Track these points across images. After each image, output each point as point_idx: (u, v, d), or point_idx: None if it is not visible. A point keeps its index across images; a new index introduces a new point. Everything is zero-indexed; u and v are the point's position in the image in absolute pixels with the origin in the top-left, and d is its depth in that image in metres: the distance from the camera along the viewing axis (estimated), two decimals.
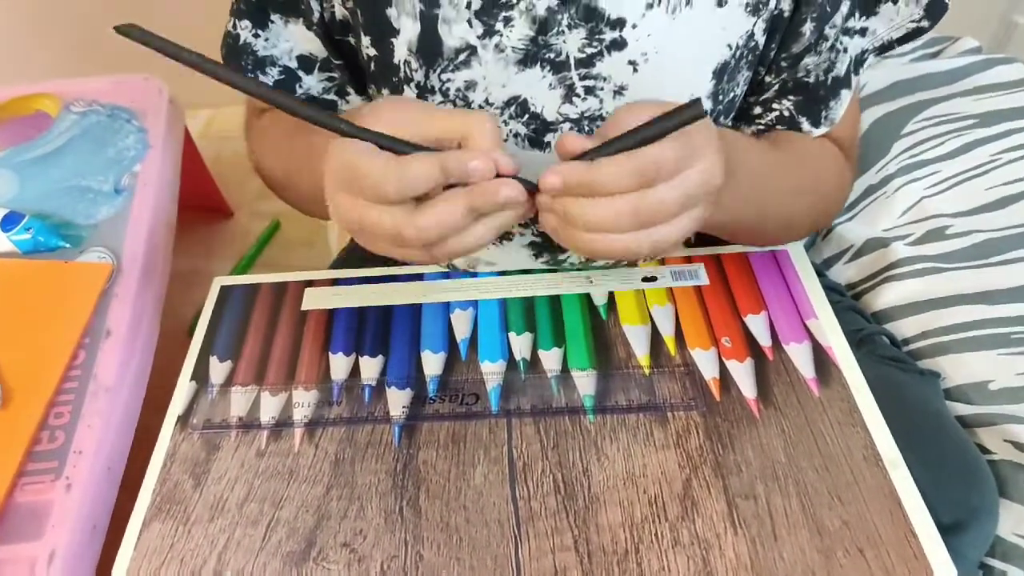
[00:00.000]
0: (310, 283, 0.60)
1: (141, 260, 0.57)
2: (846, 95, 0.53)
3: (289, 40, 0.54)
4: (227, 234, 0.90)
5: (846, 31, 0.52)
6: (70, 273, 0.56)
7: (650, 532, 0.43)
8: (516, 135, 0.52)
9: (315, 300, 0.59)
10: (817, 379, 0.50)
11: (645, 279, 0.59)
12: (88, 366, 0.51)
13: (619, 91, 0.50)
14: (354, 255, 0.71)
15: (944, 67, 0.79)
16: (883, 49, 0.54)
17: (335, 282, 0.60)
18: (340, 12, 0.52)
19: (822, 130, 0.54)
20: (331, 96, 0.58)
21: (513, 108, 0.51)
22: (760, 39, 0.50)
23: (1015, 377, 0.56)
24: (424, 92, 0.51)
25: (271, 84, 0.55)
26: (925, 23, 0.53)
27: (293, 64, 0.55)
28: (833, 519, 0.43)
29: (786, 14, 0.50)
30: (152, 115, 0.67)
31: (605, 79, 0.49)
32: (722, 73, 0.50)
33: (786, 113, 0.54)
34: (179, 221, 0.67)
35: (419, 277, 0.61)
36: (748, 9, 0.48)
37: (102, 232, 0.59)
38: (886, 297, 0.63)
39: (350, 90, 0.57)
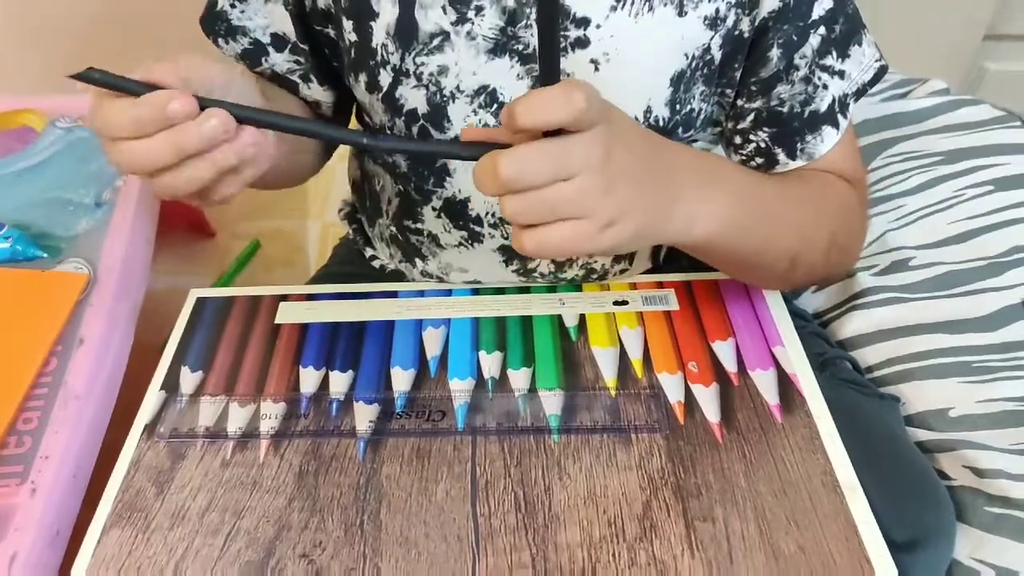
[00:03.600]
0: (285, 298, 0.61)
1: (117, 272, 0.57)
2: (830, 132, 0.55)
3: (267, 18, 0.56)
4: (208, 253, 0.91)
5: (824, 68, 0.53)
6: (46, 282, 0.56)
7: (608, 552, 0.44)
8: (485, 125, 0.54)
9: (289, 314, 0.59)
10: (780, 406, 0.51)
11: (616, 303, 0.60)
12: (59, 373, 0.51)
13: None
14: (331, 273, 0.72)
15: (912, 107, 0.81)
16: (859, 93, 0.56)
17: (309, 297, 0.61)
18: (323, 1, 0.55)
19: (799, 163, 0.55)
20: (294, 78, 0.59)
21: (483, 97, 0.53)
22: (716, 54, 0.53)
23: (975, 404, 0.57)
24: (399, 75, 0.53)
25: (239, 52, 0.57)
26: (884, 61, 0.56)
27: (265, 39, 0.57)
28: (789, 543, 0.44)
29: (746, 35, 0.52)
30: None
31: (568, 75, 0.51)
32: (679, 81, 0.52)
33: (762, 144, 0.56)
34: (160, 239, 0.68)
35: (394, 295, 0.62)
36: (706, 23, 0.51)
37: (80, 244, 0.60)
38: (852, 325, 0.64)
39: (313, 78, 0.59)
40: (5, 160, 0.65)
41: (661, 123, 0.53)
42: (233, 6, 0.56)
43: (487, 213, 0.58)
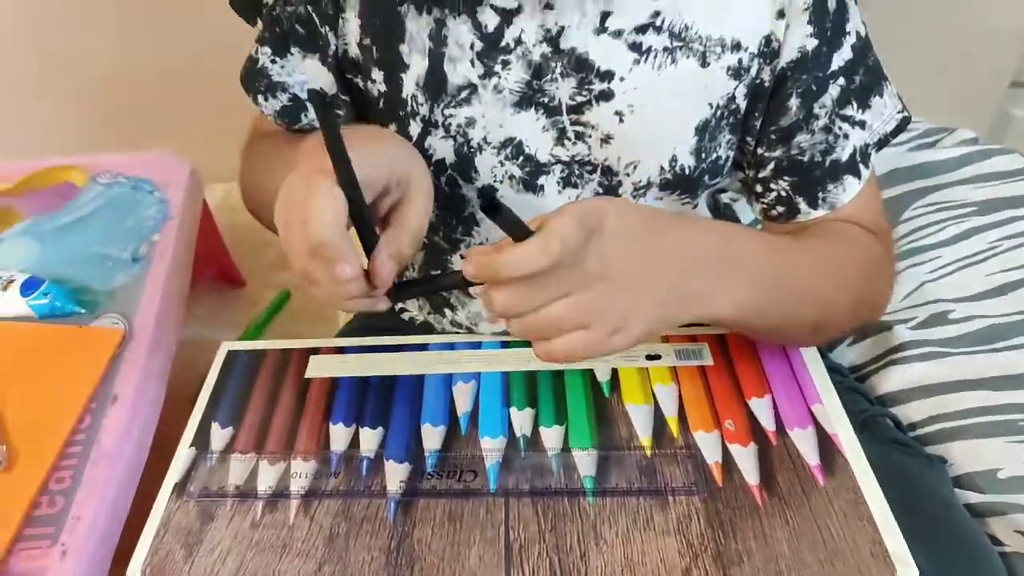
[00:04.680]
0: (315, 351, 0.61)
1: (151, 328, 0.58)
2: (852, 182, 0.55)
3: (304, 73, 0.58)
4: (238, 303, 0.92)
5: (845, 118, 0.53)
6: (83, 337, 0.57)
7: None
8: (511, 177, 0.55)
9: (319, 368, 0.59)
10: (822, 467, 0.49)
11: (648, 356, 0.59)
12: (93, 431, 0.51)
13: (606, 139, 0.52)
14: (361, 324, 0.72)
15: (942, 156, 0.81)
16: (881, 144, 0.56)
17: (340, 351, 0.61)
18: (353, 50, 0.56)
19: (821, 212, 0.55)
20: None
21: (509, 149, 0.53)
22: (741, 103, 0.53)
23: None
24: (428, 126, 0.54)
25: (278, 109, 0.59)
26: (907, 112, 0.56)
27: (303, 95, 0.58)
28: None
29: (766, 84, 0.52)
30: (173, 186, 0.70)
31: (593, 127, 0.52)
32: (704, 130, 0.53)
33: (783, 193, 0.56)
34: (192, 289, 0.69)
35: (424, 348, 0.61)
36: (730, 73, 0.51)
37: (117, 298, 0.61)
38: (891, 380, 0.63)
39: None
40: (47, 217, 0.67)
41: (687, 171, 0.54)
42: (274, 62, 0.57)
43: None
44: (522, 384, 0.57)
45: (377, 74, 0.55)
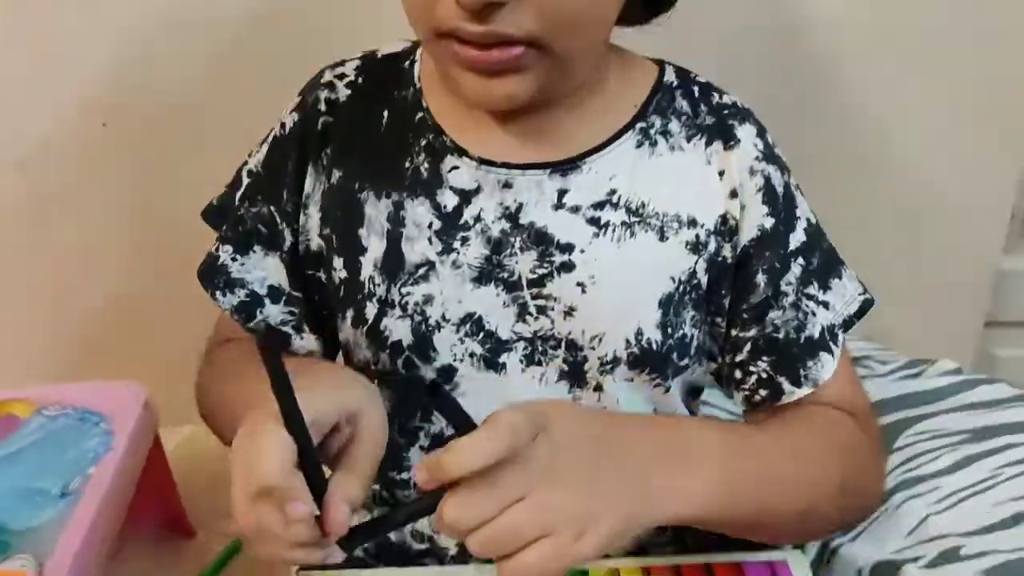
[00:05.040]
0: None
1: (67, 569, 0.51)
2: (827, 358, 0.54)
3: (264, 271, 0.59)
4: (187, 554, 0.83)
5: (809, 297, 0.54)
6: None
7: None
8: (472, 355, 0.53)
9: None
10: None
11: None
12: None
13: (569, 312, 0.52)
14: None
15: (927, 386, 0.80)
16: (847, 325, 0.56)
17: None
18: (315, 243, 0.58)
19: (805, 389, 0.54)
20: (288, 329, 0.60)
21: (468, 326, 0.53)
22: (702, 278, 0.53)
23: None
24: (384, 306, 0.54)
25: (235, 304, 0.59)
26: (868, 295, 0.57)
27: (262, 291, 0.59)
28: None
29: (729, 261, 0.54)
30: (121, 419, 0.66)
31: (556, 299, 0.52)
32: (668, 304, 0.53)
33: (764, 375, 0.54)
34: (136, 534, 0.63)
35: None
36: (688, 247, 0.53)
37: (35, 538, 0.54)
38: None
39: (306, 327, 0.60)
40: None
41: (655, 346, 0.53)
42: (234, 259, 0.59)
43: None
44: None
45: (337, 261, 0.56)
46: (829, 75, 0.88)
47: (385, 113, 0.57)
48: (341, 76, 0.59)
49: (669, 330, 0.53)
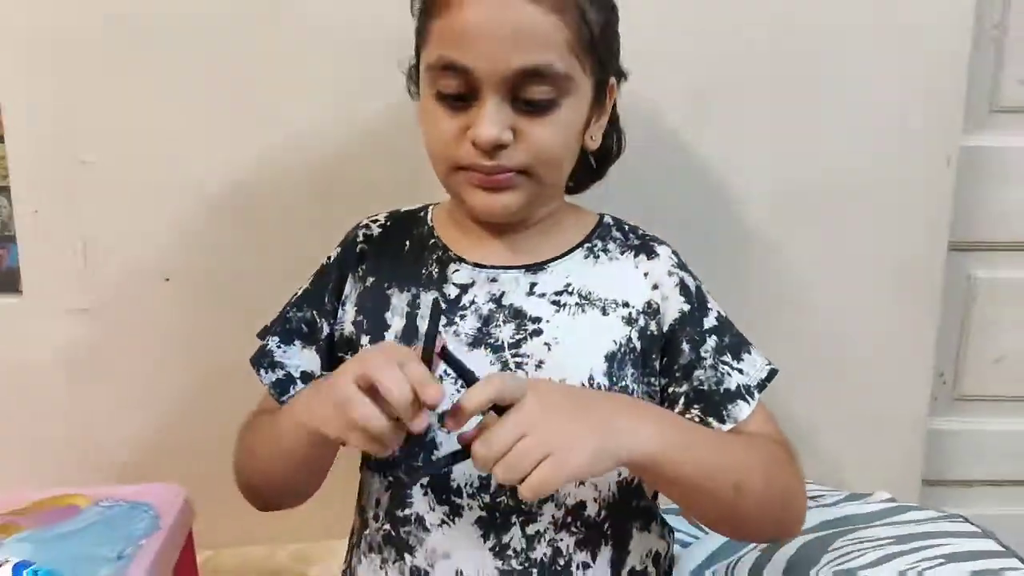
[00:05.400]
0: None
1: None
2: (744, 405, 0.70)
3: (300, 360, 0.76)
4: None
5: (724, 363, 0.71)
6: None
7: None
8: None
9: None
10: None
11: None
12: None
13: (539, 364, 0.70)
14: None
15: (864, 510, 0.91)
16: (760, 387, 0.72)
17: None
18: (348, 329, 0.76)
19: (729, 424, 0.69)
20: None
21: (460, 382, 0.65)
22: (637, 344, 0.71)
23: None
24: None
25: (274, 380, 0.75)
26: (773, 366, 0.74)
27: (296, 375, 0.75)
28: None
29: (656, 334, 0.71)
30: (166, 510, 0.78)
31: (529, 356, 0.70)
32: (612, 360, 0.70)
33: (696, 419, 0.70)
34: None
35: None
36: (623, 320, 0.71)
37: None
38: None
39: None
40: (48, 526, 0.74)
41: (603, 389, 0.69)
42: (279, 347, 0.76)
43: (467, 484, 0.68)
44: None
45: (364, 339, 0.73)
46: (757, 243, 1.07)
47: (407, 242, 0.78)
48: (375, 221, 0.81)
49: (614, 379, 0.69)
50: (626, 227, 0.78)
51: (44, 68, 0.99)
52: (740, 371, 0.72)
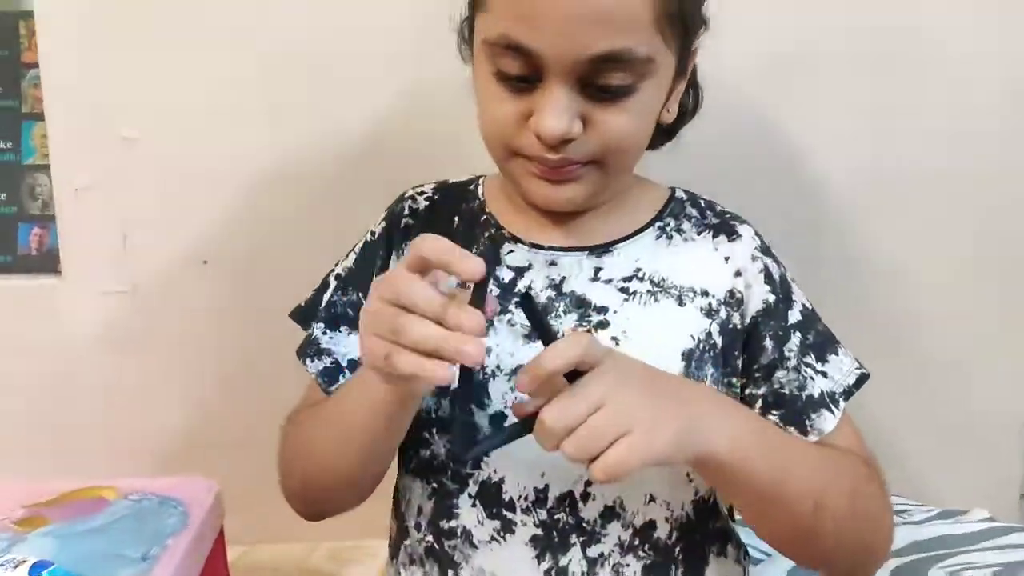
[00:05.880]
0: None
1: None
2: (829, 416, 0.61)
3: (347, 348, 0.68)
4: None
5: (808, 365, 0.62)
6: None
7: None
8: (518, 400, 0.58)
9: None
10: None
11: None
12: None
13: None
14: None
15: (960, 530, 0.82)
16: (847, 394, 0.63)
17: None
18: None
19: (812, 438, 0.60)
20: None
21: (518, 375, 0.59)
22: (717, 339, 0.62)
23: None
24: None
25: (320, 369, 0.67)
26: (864, 370, 0.64)
27: (343, 363, 0.67)
28: None
29: (739, 327, 0.62)
30: (197, 506, 0.73)
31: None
32: (689, 357, 0.61)
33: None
34: None
35: None
36: (703, 312, 0.62)
37: None
38: None
39: None
40: (71, 522, 0.70)
41: None
42: (325, 333, 0.69)
43: (520, 496, 0.60)
44: None
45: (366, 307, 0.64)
46: (833, 229, 0.98)
47: (456, 219, 0.70)
48: (421, 192, 0.73)
49: (692, 380, 0.60)
50: (702, 202, 0.70)
51: (85, 43, 0.96)
52: (824, 375, 0.63)
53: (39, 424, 1.05)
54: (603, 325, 0.62)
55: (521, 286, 0.64)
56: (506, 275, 0.65)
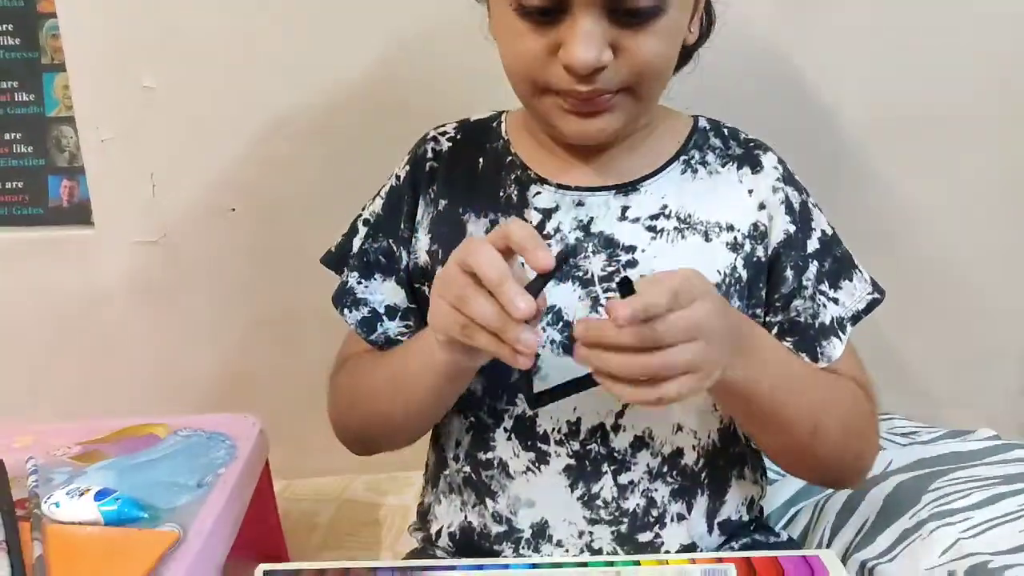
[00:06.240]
0: (347, 571, 0.62)
1: (205, 534, 0.62)
2: (837, 343, 0.64)
3: (383, 294, 0.70)
4: None
5: (822, 292, 0.65)
6: (141, 537, 0.61)
7: None
8: (552, 342, 0.63)
9: None
10: None
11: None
12: None
13: None
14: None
15: (966, 448, 0.86)
16: (855, 318, 0.66)
17: (372, 571, 0.62)
18: (423, 259, 0.69)
19: (822, 364, 0.64)
20: (404, 339, 0.70)
21: (550, 316, 0.63)
22: (742, 273, 0.64)
23: None
24: None
25: (359, 320, 0.70)
26: (877, 295, 0.67)
27: (381, 310, 0.70)
28: None
29: (763, 259, 0.65)
30: (243, 440, 0.78)
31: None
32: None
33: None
34: (233, 564, 0.71)
35: (452, 568, 0.62)
36: (728, 247, 0.64)
37: (178, 514, 0.65)
38: None
39: None
40: (127, 456, 0.74)
41: None
42: (359, 282, 0.71)
43: (553, 429, 0.64)
44: None
45: (440, 271, 0.65)
46: (849, 166, 0.99)
47: (480, 160, 0.70)
48: (443, 133, 0.73)
49: None
50: (725, 131, 0.70)
51: None
52: (836, 301, 0.66)
53: (77, 372, 1.10)
54: (632, 264, 0.64)
55: (549, 228, 0.65)
56: (534, 217, 0.66)
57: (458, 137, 0.72)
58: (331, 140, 1.01)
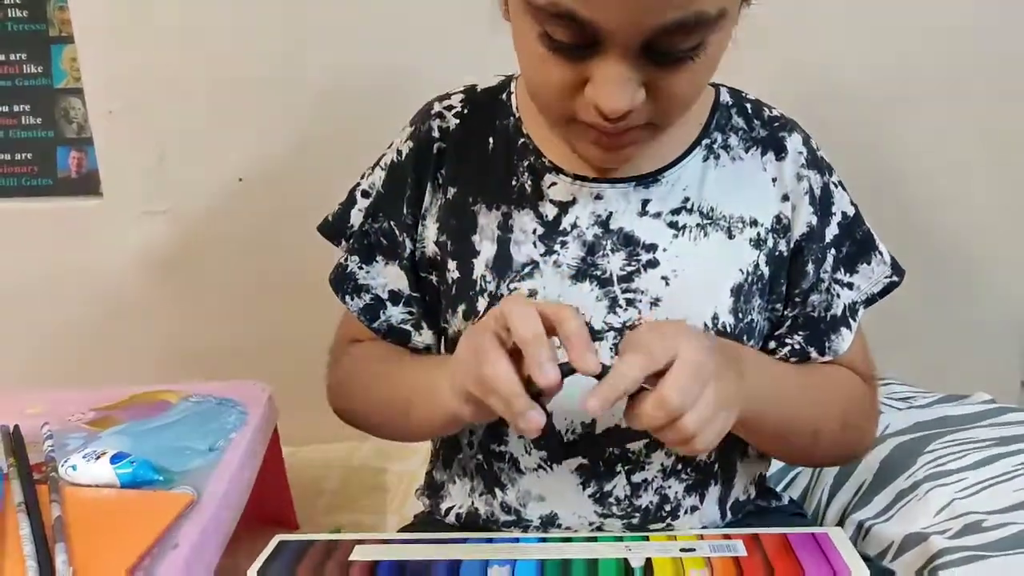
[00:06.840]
0: (361, 542, 0.63)
1: (221, 494, 0.64)
2: (847, 333, 0.64)
3: (386, 278, 0.68)
4: None
5: (837, 281, 0.64)
6: (156, 499, 0.63)
7: None
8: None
9: (362, 554, 0.61)
10: None
11: (683, 550, 0.60)
12: (151, 568, 0.55)
13: (655, 302, 0.60)
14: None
15: (961, 411, 0.87)
16: (869, 302, 0.66)
17: (384, 542, 0.63)
18: (431, 250, 0.66)
19: (827, 358, 0.64)
20: (407, 327, 0.69)
21: None
22: (765, 270, 0.63)
23: None
24: (494, 300, 0.62)
25: (361, 307, 0.68)
26: (895, 278, 0.66)
27: (384, 296, 0.68)
28: None
29: (785, 254, 0.63)
30: (253, 406, 0.80)
31: (643, 292, 0.60)
32: (738, 292, 0.61)
33: (797, 346, 0.64)
34: (246, 532, 0.71)
35: (463, 541, 0.64)
36: (752, 243, 0.62)
37: (191, 477, 0.67)
38: None
39: (424, 324, 0.68)
40: (140, 422, 0.76)
41: (728, 329, 0.61)
42: (360, 268, 0.69)
43: (567, 431, 0.62)
44: (556, 571, 0.58)
45: (451, 264, 0.65)
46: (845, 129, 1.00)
47: (491, 140, 0.65)
48: (449, 108, 0.67)
49: (740, 315, 0.61)
50: (748, 108, 0.66)
51: None
52: (850, 286, 0.65)
53: (88, 339, 1.11)
54: (652, 264, 0.61)
55: (566, 223, 0.62)
56: (550, 211, 0.62)
57: (465, 111, 0.67)
58: (339, 109, 1.01)
